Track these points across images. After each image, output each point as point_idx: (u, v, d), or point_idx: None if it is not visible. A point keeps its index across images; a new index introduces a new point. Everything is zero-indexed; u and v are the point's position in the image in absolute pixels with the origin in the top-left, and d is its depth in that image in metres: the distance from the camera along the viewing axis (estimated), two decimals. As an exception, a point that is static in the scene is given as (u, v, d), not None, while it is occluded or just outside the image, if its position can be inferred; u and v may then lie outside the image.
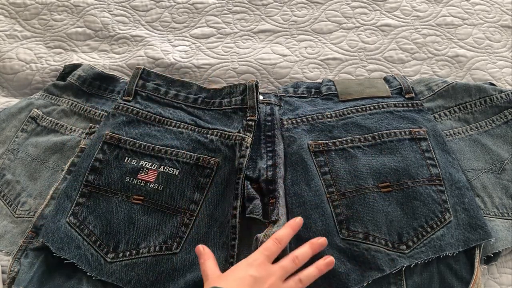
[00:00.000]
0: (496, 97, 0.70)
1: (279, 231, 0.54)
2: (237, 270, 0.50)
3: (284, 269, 0.51)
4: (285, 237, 0.53)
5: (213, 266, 0.53)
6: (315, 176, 0.61)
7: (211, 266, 0.53)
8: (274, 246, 0.52)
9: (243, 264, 0.51)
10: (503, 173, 0.64)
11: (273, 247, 0.52)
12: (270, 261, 0.51)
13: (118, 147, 0.63)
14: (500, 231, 0.59)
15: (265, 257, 0.51)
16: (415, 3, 0.90)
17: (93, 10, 0.89)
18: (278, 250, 0.52)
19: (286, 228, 0.54)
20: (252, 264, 0.50)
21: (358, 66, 0.81)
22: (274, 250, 0.52)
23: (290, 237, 0.54)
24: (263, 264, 0.50)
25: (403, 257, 0.55)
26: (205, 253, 0.54)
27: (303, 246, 0.54)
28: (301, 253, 0.53)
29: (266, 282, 0.49)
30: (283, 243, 0.53)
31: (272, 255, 0.52)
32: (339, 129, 0.66)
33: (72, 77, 0.74)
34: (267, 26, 0.87)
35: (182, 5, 0.90)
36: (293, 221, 0.55)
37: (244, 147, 0.63)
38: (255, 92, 0.68)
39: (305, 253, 0.53)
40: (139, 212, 0.59)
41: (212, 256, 0.54)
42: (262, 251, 0.52)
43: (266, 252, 0.52)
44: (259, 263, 0.50)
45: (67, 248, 0.56)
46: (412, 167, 0.61)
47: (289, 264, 0.52)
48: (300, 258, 0.52)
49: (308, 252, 0.53)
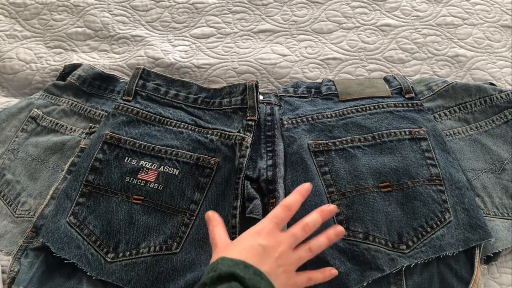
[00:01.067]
0: (496, 97, 0.70)
1: (288, 198, 0.52)
2: (245, 238, 0.49)
3: (294, 237, 0.50)
4: (294, 203, 0.52)
5: (222, 233, 0.52)
6: (315, 176, 0.61)
7: (220, 234, 0.51)
8: (283, 213, 0.50)
9: (251, 232, 0.49)
10: (503, 173, 0.64)
11: (282, 214, 0.50)
12: (279, 228, 0.50)
13: (118, 147, 0.63)
14: (500, 231, 0.59)
15: (274, 224, 0.49)
16: (415, 3, 0.90)
17: (93, 10, 0.89)
18: (288, 217, 0.51)
19: (295, 194, 0.53)
20: (260, 232, 0.49)
21: (358, 66, 0.81)
22: (283, 217, 0.50)
23: (299, 204, 0.52)
24: (272, 232, 0.49)
25: (403, 257, 0.55)
26: (214, 219, 0.53)
27: (313, 213, 0.52)
28: (311, 220, 0.51)
29: (276, 251, 0.47)
30: (293, 209, 0.51)
31: (281, 222, 0.50)
32: (339, 129, 0.66)
33: (72, 77, 0.74)
34: (267, 26, 0.87)
35: (182, 5, 0.90)
36: (302, 187, 0.53)
37: (244, 147, 0.63)
38: (255, 92, 0.68)
39: (315, 221, 0.51)
40: (139, 212, 0.59)
41: (222, 223, 0.54)
42: (271, 219, 0.50)
43: (275, 219, 0.50)
44: (268, 231, 0.49)
45: (67, 248, 0.56)
46: (412, 167, 0.61)
47: (299, 232, 0.50)
48: (310, 225, 0.51)
49: (318, 219, 0.51)
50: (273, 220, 0.50)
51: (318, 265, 0.54)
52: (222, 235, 0.52)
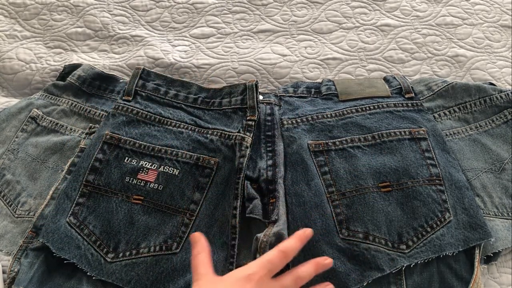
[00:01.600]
0: (495, 97, 0.70)
1: (286, 243, 0.48)
2: (232, 281, 0.44)
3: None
4: (292, 250, 0.48)
5: (206, 262, 0.47)
6: (315, 176, 0.61)
7: (204, 263, 0.47)
8: (278, 259, 0.46)
9: (241, 274, 0.45)
10: (503, 172, 0.64)
11: (277, 261, 0.46)
12: (271, 275, 0.46)
13: (118, 147, 0.63)
14: (500, 230, 0.59)
15: (267, 271, 0.45)
16: (415, 3, 0.90)
17: (93, 10, 0.89)
18: (282, 264, 0.47)
19: (294, 240, 0.49)
20: (251, 278, 0.44)
21: (358, 66, 0.81)
22: (278, 264, 0.46)
23: (297, 251, 0.48)
24: (262, 280, 0.45)
25: (403, 256, 0.55)
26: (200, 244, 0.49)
27: (307, 264, 0.49)
28: (304, 273, 0.48)
29: None
30: (289, 256, 0.47)
31: (275, 269, 0.46)
32: (339, 129, 0.66)
33: (72, 77, 0.74)
34: (267, 26, 0.87)
35: (182, 5, 0.90)
36: (302, 233, 0.50)
37: (244, 147, 0.63)
38: (255, 92, 0.68)
39: (308, 273, 0.48)
40: (139, 212, 0.59)
41: (208, 249, 0.49)
42: (265, 264, 0.46)
43: (268, 265, 0.46)
44: (259, 278, 0.44)
45: (67, 248, 0.56)
46: (412, 167, 0.61)
47: (291, 284, 0.47)
48: (302, 278, 0.47)
49: (312, 273, 0.48)
50: (266, 266, 0.45)
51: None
52: (206, 264, 0.47)
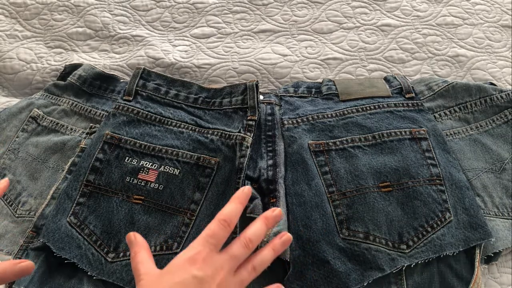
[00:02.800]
0: (496, 97, 0.70)
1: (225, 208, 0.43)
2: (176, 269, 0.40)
3: (235, 259, 0.42)
4: (233, 215, 0.43)
5: (147, 261, 0.43)
6: (316, 175, 0.61)
7: (144, 261, 0.42)
8: (220, 230, 0.42)
9: (183, 258, 0.40)
10: (503, 172, 0.64)
11: (218, 232, 0.41)
12: (216, 250, 0.41)
13: (118, 147, 0.63)
14: (500, 230, 0.59)
15: (210, 247, 0.41)
16: (415, 3, 0.90)
17: (93, 10, 0.89)
18: (227, 234, 0.42)
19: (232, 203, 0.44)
20: (194, 259, 0.40)
21: (358, 66, 0.81)
22: (221, 236, 0.42)
23: (238, 214, 0.44)
24: (208, 257, 0.40)
25: (404, 256, 0.55)
26: (137, 243, 0.45)
27: (255, 222, 0.44)
28: (254, 232, 0.43)
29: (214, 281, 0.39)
30: (232, 224, 0.43)
31: (219, 242, 0.42)
32: (340, 128, 0.66)
33: (72, 77, 0.74)
34: (268, 26, 0.87)
35: (183, 5, 0.90)
36: (240, 192, 0.45)
37: (244, 146, 0.63)
38: (256, 92, 0.68)
39: (259, 232, 0.43)
40: (139, 212, 0.59)
41: (146, 247, 0.45)
42: (206, 239, 0.41)
43: (211, 240, 0.41)
44: (204, 257, 0.40)
45: (68, 248, 0.56)
46: (412, 167, 0.61)
47: (241, 251, 0.42)
48: (253, 240, 0.43)
49: (262, 230, 0.44)
50: (208, 241, 0.41)
51: (317, 266, 0.54)
52: (147, 263, 0.42)
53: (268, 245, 0.45)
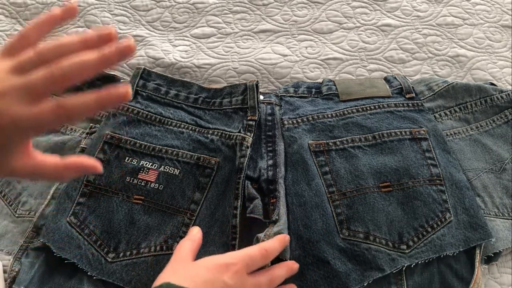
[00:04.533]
0: (496, 97, 0.70)
1: (269, 243, 0.48)
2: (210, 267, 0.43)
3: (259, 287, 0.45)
4: (273, 251, 0.47)
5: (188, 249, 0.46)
6: (316, 175, 0.61)
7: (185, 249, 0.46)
8: (259, 257, 0.45)
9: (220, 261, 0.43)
10: (503, 173, 0.64)
11: (258, 258, 0.45)
12: (248, 271, 0.45)
13: (118, 147, 0.63)
14: (500, 231, 0.59)
15: (245, 265, 0.44)
16: (415, 3, 0.90)
17: (93, 10, 0.89)
18: (262, 263, 0.46)
19: (276, 242, 0.49)
20: (229, 268, 0.43)
21: (358, 66, 0.81)
22: (258, 262, 0.45)
23: (277, 253, 0.49)
24: (240, 272, 0.43)
25: (404, 256, 0.55)
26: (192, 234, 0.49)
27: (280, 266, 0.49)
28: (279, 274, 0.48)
29: None
30: (269, 257, 0.47)
31: (253, 266, 0.45)
32: (340, 129, 0.66)
33: (72, 77, 0.74)
34: (268, 26, 0.87)
35: (183, 5, 0.90)
36: (283, 237, 0.51)
37: (244, 147, 0.63)
38: (256, 92, 0.68)
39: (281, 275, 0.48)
40: (139, 212, 0.59)
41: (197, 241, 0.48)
42: (245, 257, 0.44)
43: (249, 260, 0.44)
44: (237, 270, 0.43)
45: (68, 248, 0.56)
46: (412, 167, 0.61)
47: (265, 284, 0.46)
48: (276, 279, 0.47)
49: (284, 275, 0.48)
50: (246, 260, 0.44)
51: (317, 266, 0.54)
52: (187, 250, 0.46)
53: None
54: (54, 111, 0.32)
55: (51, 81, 0.31)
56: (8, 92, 0.30)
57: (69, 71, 0.32)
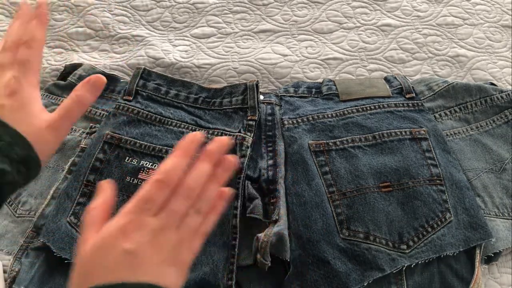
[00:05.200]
0: (496, 97, 0.70)
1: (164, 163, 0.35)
2: (107, 244, 0.33)
3: (173, 215, 0.34)
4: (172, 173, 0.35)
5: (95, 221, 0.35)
6: (316, 175, 0.61)
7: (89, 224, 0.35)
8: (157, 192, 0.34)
9: (114, 229, 0.33)
10: (503, 173, 0.64)
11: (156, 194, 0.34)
12: (153, 214, 0.34)
13: (118, 146, 0.63)
14: (500, 231, 0.59)
15: (145, 213, 0.33)
16: (415, 3, 0.90)
17: (93, 10, 0.89)
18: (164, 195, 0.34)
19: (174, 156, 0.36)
20: (125, 230, 0.33)
21: (358, 66, 0.81)
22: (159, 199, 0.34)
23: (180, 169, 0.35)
24: (142, 225, 0.33)
25: (404, 256, 0.55)
26: (102, 195, 0.38)
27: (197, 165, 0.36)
28: (193, 178, 0.35)
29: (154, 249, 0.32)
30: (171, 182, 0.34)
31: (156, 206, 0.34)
32: (340, 128, 0.66)
33: (73, 76, 0.74)
34: (268, 26, 0.87)
35: (183, 5, 0.90)
36: (187, 140, 0.37)
37: (244, 146, 0.63)
38: (256, 92, 0.68)
39: (199, 176, 0.36)
40: (139, 212, 0.59)
41: (109, 201, 0.38)
42: (139, 205, 0.34)
43: (145, 205, 0.33)
44: (136, 226, 0.33)
45: (68, 248, 0.56)
46: (412, 167, 0.61)
47: (179, 204, 0.34)
48: (192, 186, 0.35)
49: (205, 170, 0.36)
50: (142, 207, 0.33)
51: (317, 266, 0.54)
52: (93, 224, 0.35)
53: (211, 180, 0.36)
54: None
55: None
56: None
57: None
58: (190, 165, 0.36)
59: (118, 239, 0.32)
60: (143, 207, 0.34)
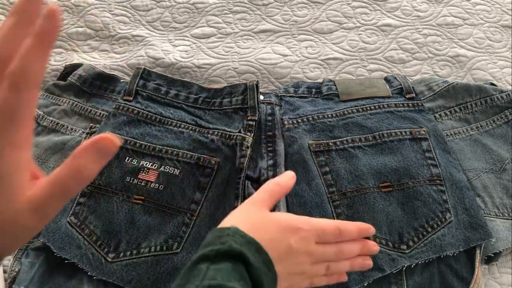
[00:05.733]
0: (496, 97, 0.70)
1: (347, 224, 0.44)
2: (281, 227, 0.40)
3: (323, 257, 0.42)
4: (348, 234, 0.43)
5: (270, 194, 0.43)
6: (316, 176, 0.61)
7: (268, 192, 0.43)
8: (331, 233, 0.42)
9: (292, 223, 0.41)
10: (503, 173, 0.64)
11: (329, 233, 0.42)
12: (317, 241, 0.42)
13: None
14: (500, 231, 0.59)
15: (315, 234, 0.41)
16: (415, 3, 0.90)
17: (93, 10, 0.88)
18: (332, 239, 0.43)
19: (354, 226, 0.44)
20: (299, 232, 0.40)
21: (358, 66, 0.81)
22: (329, 237, 0.42)
23: (351, 237, 0.44)
24: (308, 239, 0.40)
25: (404, 257, 0.55)
26: (283, 181, 0.45)
27: (354, 243, 0.44)
28: (348, 249, 0.44)
29: (298, 258, 0.40)
30: (342, 237, 0.43)
31: (323, 239, 0.42)
32: (340, 129, 0.66)
33: (72, 76, 0.74)
34: (268, 26, 0.87)
35: (183, 5, 0.90)
36: (366, 228, 0.45)
37: (244, 147, 0.63)
38: (256, 92, 0.68)
39: (352, 251, 0.44)
40: (139, 212, 0.59)
41: (285, 190, 0.45)
42: (317, 228, 0.41)
43: (320, 232, 0.41)
44: (306, 236, 0.40)
45: (68, 248, 0.56)
46: (412, 167, 0.61)
47: (331, 255, 0.42)
48: (344, 254, 0.43)
49: (356, 251, 0.44)
50: (317, 231, 0.41)
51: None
52: (269, 193, 0.43)
53: (350, 260, 0.44)
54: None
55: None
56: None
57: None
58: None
59: (291, 232, 0.40)
60: (317, 230, 0.41)
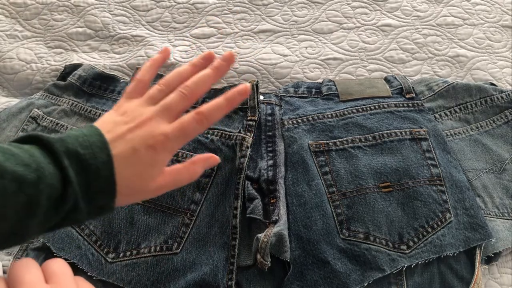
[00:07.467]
0: (496, 97, 0.70)
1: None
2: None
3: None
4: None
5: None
6: (316, 176, 0.61)
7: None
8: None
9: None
10: (503, 173, 0.64)
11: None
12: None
13: (118, 147, 0.63)
14: (500, 231, 0.59)
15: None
16: (415, 3, 0.90)
17: (93, 10, 0.88)
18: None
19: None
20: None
21: (358, 66, 0.81)
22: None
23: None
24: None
25: (404, 257, 0.55)
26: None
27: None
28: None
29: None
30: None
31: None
32: (340, 129, 0.66)
33: (72, 77, 0.74)
34: (268, 26, 0.87)
35: (183, 5, 0.90)
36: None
37: (244, 147, 0.63)
38: (256, 92, 0.68)
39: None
40: (139, 212, 0.59)
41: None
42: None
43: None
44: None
45: (68, 248, 0.56)
46: (412, 167, 0.61)
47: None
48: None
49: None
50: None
51: (317, 266, 0.54)
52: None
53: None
54: (194, 118, 0.38)
55: (183, 98, 0.39)
56: (153, 117, 0.38)
57: (194, 87, 0.40)
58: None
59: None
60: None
